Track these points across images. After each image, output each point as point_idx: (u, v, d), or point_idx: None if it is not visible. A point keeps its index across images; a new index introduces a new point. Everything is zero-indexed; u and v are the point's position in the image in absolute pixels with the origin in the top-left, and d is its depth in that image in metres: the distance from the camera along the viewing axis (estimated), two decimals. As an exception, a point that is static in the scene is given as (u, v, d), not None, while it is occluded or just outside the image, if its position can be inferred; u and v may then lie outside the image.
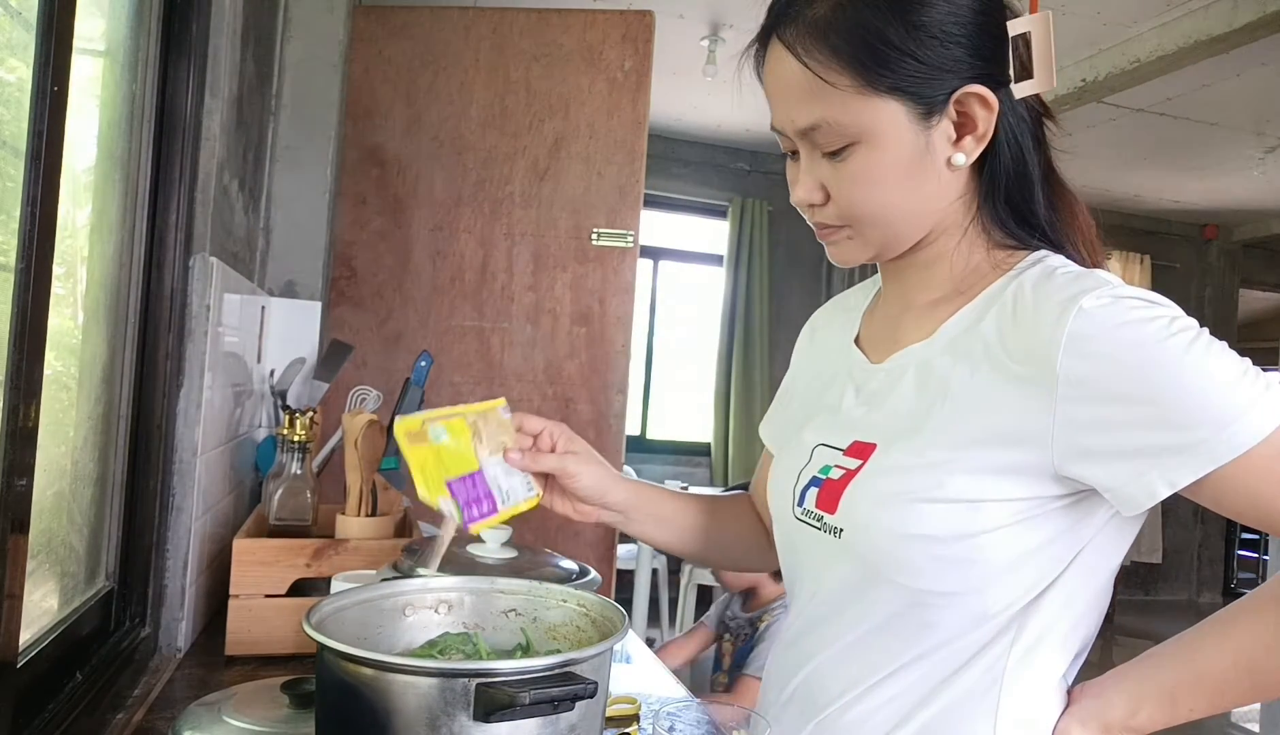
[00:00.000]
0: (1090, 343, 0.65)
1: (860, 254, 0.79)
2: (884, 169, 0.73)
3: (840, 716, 0.76)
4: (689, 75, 4.36)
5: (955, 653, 0.72)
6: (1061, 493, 0.69)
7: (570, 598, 0.82)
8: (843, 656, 0.77)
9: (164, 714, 1.04)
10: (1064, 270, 0.71)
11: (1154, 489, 0.64)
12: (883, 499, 0.73)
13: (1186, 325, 0.65)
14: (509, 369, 2.30)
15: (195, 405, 1.29)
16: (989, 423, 0.69)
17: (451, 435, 0.83)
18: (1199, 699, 0.69)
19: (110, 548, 1.20)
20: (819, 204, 0.77)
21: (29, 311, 0.78)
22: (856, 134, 0.72)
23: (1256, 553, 7.27)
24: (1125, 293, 0.66)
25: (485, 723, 0.60)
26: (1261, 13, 3.06)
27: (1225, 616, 0.70)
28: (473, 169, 2.30)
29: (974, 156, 0.74)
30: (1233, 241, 6.78)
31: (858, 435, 0.78)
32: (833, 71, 0.71)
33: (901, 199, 0.75)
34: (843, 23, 0.71)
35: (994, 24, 0.74)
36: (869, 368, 0.83)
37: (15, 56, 0.84)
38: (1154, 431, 0.63)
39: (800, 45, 0.73)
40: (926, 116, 0.72)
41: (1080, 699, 0.74)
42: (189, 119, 1.29)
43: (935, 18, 0.71)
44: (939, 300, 0.79)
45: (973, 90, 0.72)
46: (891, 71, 0.71)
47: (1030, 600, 0.71)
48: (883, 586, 0.73)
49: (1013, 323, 0.70)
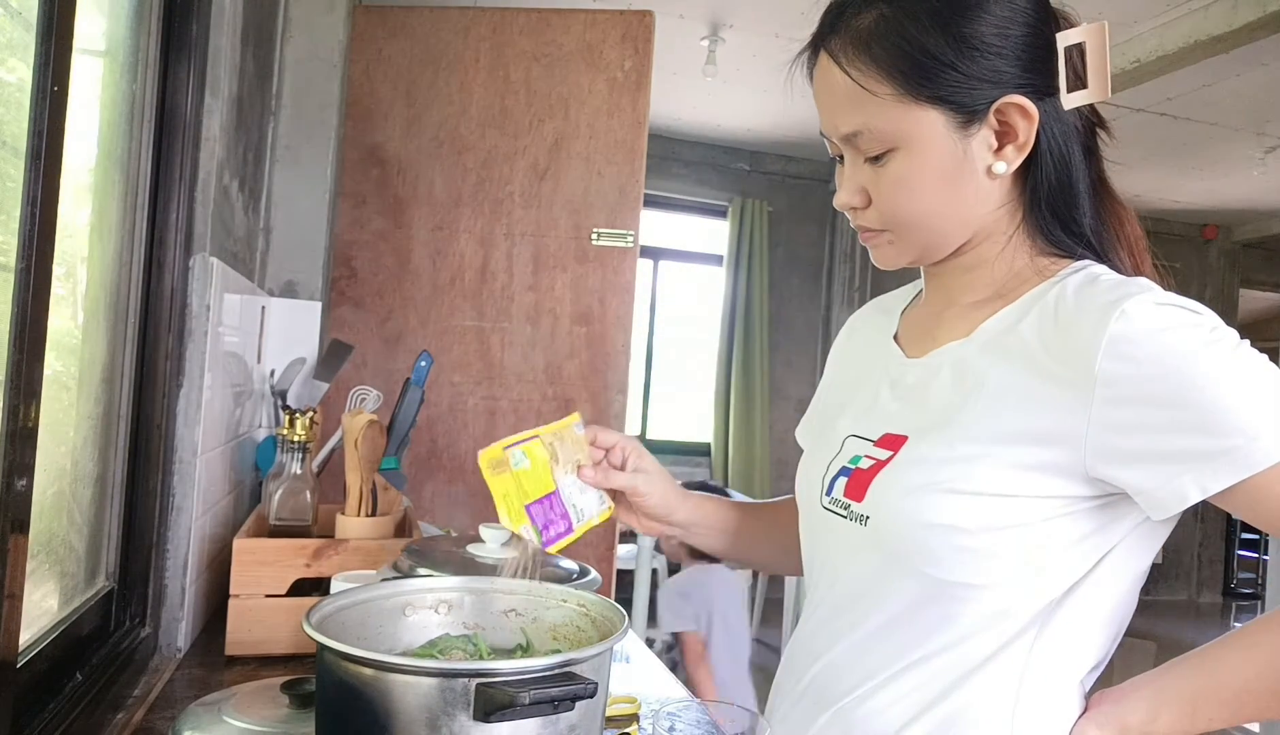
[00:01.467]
0: (1131, 346, 0.65)
1: (901, 258, 0.81)
2: (923, 175, 0.75)
3: (857, 707, 0.76)
4: (689, 75, 4.36)
5: (974, 649, 0.72)
6: (1090, 494, 0.69)
7: (570, 598, 0.82)
8: (861, 646, 0.77)
9: (164, 714, 1.04)
10: (1107, 277, 0.72)
11: (1185, 493, 0.64)
12: (910, 488, 0.73)
13: (1227, 334, 0.66)
14: (509, 369, 2.30)
15: (195, 405, 1.29)
16: (1023, 420, 0.70)
17: (530, 459, 0.85)
18: (1219, 709, 0.69)
19: (110, 548, 1.20)
20: (860, 208, 0.79)
21: (29, 311, 0.78)
22: (896, 140, 0.74)
23: (1256, 553, 7.28)
24: (1167, 300, 0.67)
25: (485, 723, 0.60)
26: (1261, 13, 3.06)
27: (1251, 629, 0.70)
28: (473, 169, 2.30)
29: (1015, 165, 0.75)
30: (1233, 241, 6.78)
31: (890, 427, 0.79)
32: (873, 80, 0.74)
33: (940, 205, 0.76)
34: (884, 33, 0.73)
35: (1040, 35, 0.75)
36: (905, 362, 0.83)
37: (15, 56, 0.84)
38: (1189, 437, 0.64)
39: (844, 55, 0.75)
40: (966, 125, 0.74)
41: (1099, 704, 0.74)
42: (189, 119, 1.29)
43: (978, 30, 0.72)
44: (980, 301, 0.80)
45: (1013, 100, 0.73)
46: (931, 81, 0.72)
47: (1052, 602, 0.71)
48: (905, 575, 0.74)
49: (1054, 324, 0.71)
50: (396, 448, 1.45)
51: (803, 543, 0.89)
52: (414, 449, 1.48)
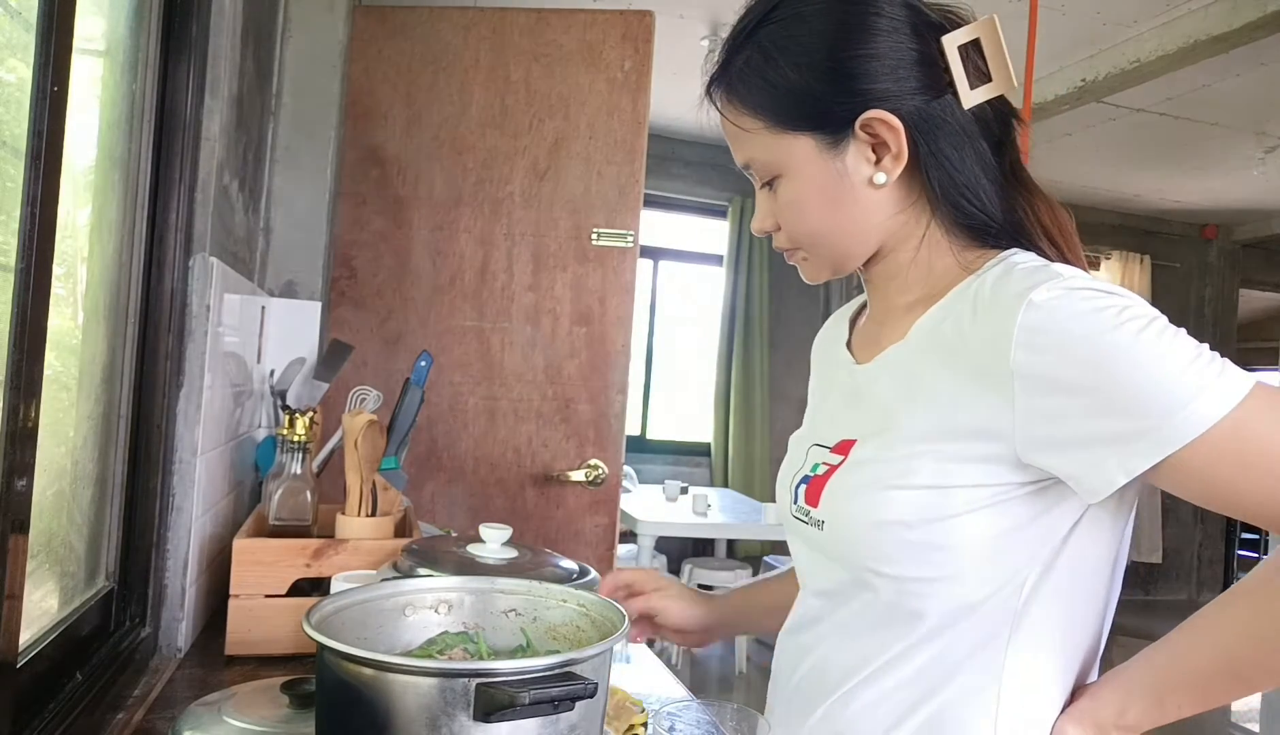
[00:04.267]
0: (1040, 335, 0.66)
1: (820, 272, 0.86)
2: (808, 196, 0.80)
3: (846, 704, 0.78)
4: (689, 75, 4.36)
5: (952, 647, 0.73)
6: (1026, 479, 0.70)
7: (570, 598, 0.82)
8: (842, 645, 0.80)
9: (164, 714, 1.04)
10: (1024, 266, 0.72)
11: (1112, 476, 0.65)
12: (855, 489, 0.76)
13: (1138, 313, 0.65)
14: (509, 369, 2.30)
15: (195, 405, 1.29)
16: (954, 416, 0.71)
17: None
18: (1184, 696, 0.69)
19: (110, 548, 1.20)
20: (771, 230, 0.85)
21: (29, 311, 0.78)
22: (778, 168, 0.81)
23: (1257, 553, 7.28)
24: (1078, 284, 0.67)
25: (485, 723, 0.60)
26: (1261, 13, 3.06)
27: (1203, 612, 0.70)
28: (473, 169, 2.30)
29: (895, 174, 0.78)
30: (1232, 241, 6.78)
31: (842, 433, 0.82)
32: (745, 118, 0.81)
33: (832, 222, 0.80)
34: (748, 75, 0.80)
35: (902, 46, 0.77)
36: (854, 369, 0.86)
37: (15, 56, 0.84)
38: (1106, 419, 0.64)
39: (720, 99, 0.84)
40: (834, 145, 0.78)
41: (1077, 699, 0.75)
42: (189, 119, 1.29)
43: (835, 56, 0.76)
44: (914, 303, 0.81)
45: (874, 115, 0.76)
46: (792, 112, 0.78)
47: (1023, 596, 0.72)
48: (865, 576, 0.76)
49: (972, 319, 0.72)
50: (396, 448, 1.45)
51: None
52: (414, 449, 1.48)
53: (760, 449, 5.67)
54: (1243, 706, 4.42)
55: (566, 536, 2.27)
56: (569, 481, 2.27)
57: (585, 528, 2.28)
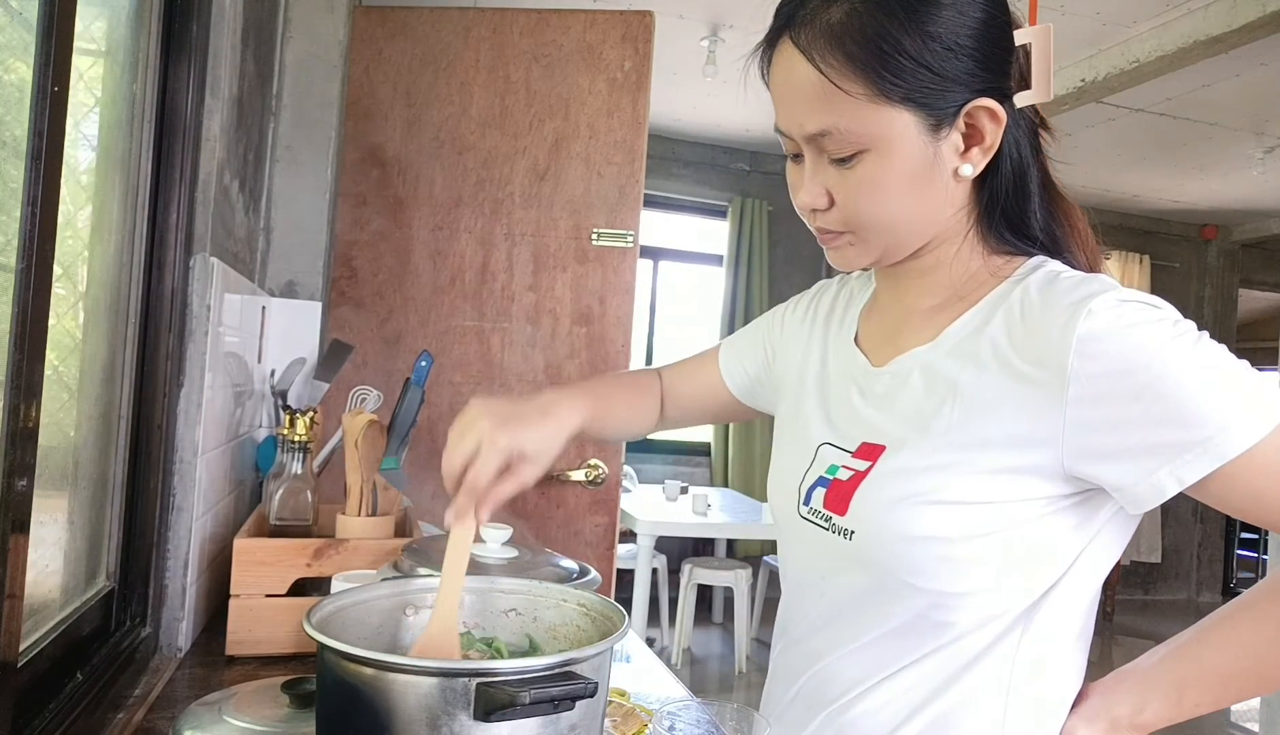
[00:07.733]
0: (1100, 344, 0.65)
1: (861, 259, 0.79)
2: (892, 178, 0.73)
3: (847, 710, 0.77)
4: (689, 75, 4.36)
5: (966, 648, 0.73)
6: (1068, 491, 0.70)
7: (570, 597, 0.82)
8: (855, 655, 0.78)
9: (164, 714, 1.04)
10: (1068, 275, 0.72)
11: (1163, 486, 0.65)
12: (891, 502, 0.73)
13: (1188, 327, 0.66)
14: (509, 369, 2.30)
15: (195, 405, 1.29)
16: (998, 424, 0.70)
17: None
18: (1204, 694, 0.70)
19: (110, 548, 1.20)
20: (823, 209, 0.77)
21: (29, 311, 0.78)
22: (867, 142, 0.72)
23: (1256, 552, 7.28)
24: (1129, 296, 0.67)
25: (485, 722, 0.60)
26: (1261, 13, 3.06)
27: (1226, 612, 0.71)
28: (473, 169, 2.30)
29: (980, 168, 0.75)
30: (1232, 241, 6.79)
31: (866, 437, 0.79)
32: (847, 79, 0.70)
33: (907, 208, 0.74)
34: (859, 29, 0.70)
35: (1002, 35, 0.74)
36: (871, 371, 0.83)
37: (15, 56, 0.84)
38: (1162, 430, 0.64)
39: (815, 50, 0.71)
40: (936, 128, 0.72)
41: (1087, 697, 0.75)
42: (189, 119, 1.29)
43: (949, 28, 0.70)
44: (939, 305, 0.80)
45: (982, 103, 0.72)
46: (905, 82, 0.70)
47: (1037, 598, 0.72)
48: (897, 590, 0.74)
49: (1021, 326, 0.71)
50: (397, 448, 1.45)
51: (780, 549, 0.90)
52: (414, 449, 1.47)
53: (760, 449, 5.67)
54: (1243, 706, 4.42)
55: (566, 536, 2.26)
56: (569, 481, 2.27)
57: (585, 527, 2.28)
